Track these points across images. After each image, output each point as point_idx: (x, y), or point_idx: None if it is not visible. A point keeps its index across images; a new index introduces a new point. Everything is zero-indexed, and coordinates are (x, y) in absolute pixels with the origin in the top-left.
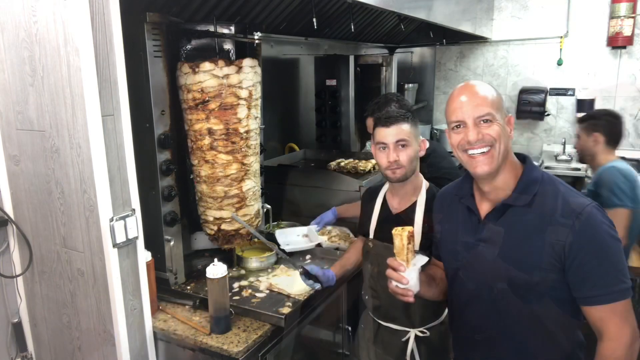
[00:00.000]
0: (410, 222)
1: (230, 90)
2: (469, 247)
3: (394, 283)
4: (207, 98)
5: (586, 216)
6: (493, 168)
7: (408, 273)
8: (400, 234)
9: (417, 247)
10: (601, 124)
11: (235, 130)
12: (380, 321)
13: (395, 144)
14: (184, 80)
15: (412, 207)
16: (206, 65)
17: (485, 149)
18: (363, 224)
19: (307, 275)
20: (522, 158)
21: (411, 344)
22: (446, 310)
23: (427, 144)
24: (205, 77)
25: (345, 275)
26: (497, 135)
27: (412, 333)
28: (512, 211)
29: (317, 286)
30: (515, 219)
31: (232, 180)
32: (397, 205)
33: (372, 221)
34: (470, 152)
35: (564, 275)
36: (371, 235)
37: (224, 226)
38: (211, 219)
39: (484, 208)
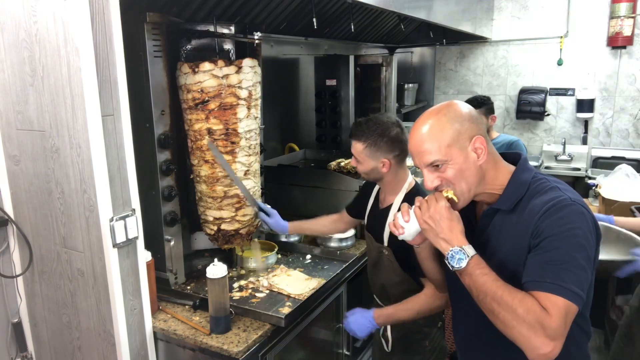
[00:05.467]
0: (385, 219)
1: (229, 90)
2: None
3: (395, 219)
4: (206, 98)
5: (555, 209)
6: (465, 200)
7: (411, 224)
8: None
9: (385, 244)
10: (491, 107)
11: (235, 130)
12: (373, 292)
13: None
14: (184, 80)
15: (390, 206)
16: (206, 65)
17: (448, 188)
18: (357, 206)
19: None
20: (516, 158)
21: None
22: None
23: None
24: (205, 77)
25: (301, 233)
26: (452, 177)
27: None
28: (500, 215)
29: (266, 227)
30: (502, 223)
31: (231, 180)
32: (383, 201)
33: (367, 208)
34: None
35: None
36: (365, 220)
37: (223, 226)
38: (211, 219)
39: (481, 212)
